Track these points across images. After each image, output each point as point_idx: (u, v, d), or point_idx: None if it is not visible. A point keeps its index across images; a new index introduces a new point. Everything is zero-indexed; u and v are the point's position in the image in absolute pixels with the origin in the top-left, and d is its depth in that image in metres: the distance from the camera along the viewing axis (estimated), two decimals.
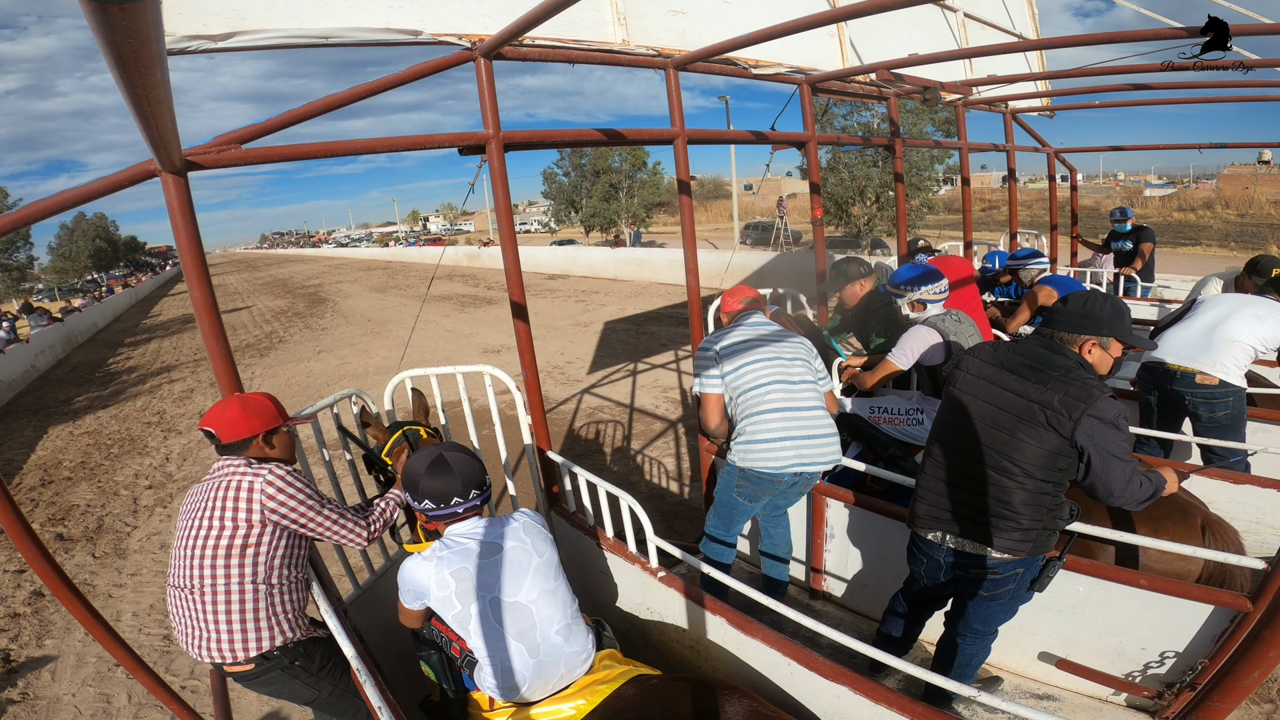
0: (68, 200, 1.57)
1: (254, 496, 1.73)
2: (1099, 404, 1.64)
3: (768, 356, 2.39)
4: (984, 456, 1.79)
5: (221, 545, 1.71)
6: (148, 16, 0.64)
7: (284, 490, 1.77)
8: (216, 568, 1.71)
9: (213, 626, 1.73)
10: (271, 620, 1.77)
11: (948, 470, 1.89)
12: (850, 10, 1.99)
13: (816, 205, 3.74)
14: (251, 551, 1.73)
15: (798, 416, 2.35)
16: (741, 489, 2.44)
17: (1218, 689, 0.91)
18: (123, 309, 27.13)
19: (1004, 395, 1.78)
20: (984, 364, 1.87)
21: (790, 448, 2.32)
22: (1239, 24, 2.19)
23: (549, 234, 40.45)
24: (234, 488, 1.74)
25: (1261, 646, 0.84)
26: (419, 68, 2.07)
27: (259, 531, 1.73)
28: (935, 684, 1.57)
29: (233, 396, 1.86)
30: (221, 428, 1.79)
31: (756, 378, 2.36)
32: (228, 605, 1.72)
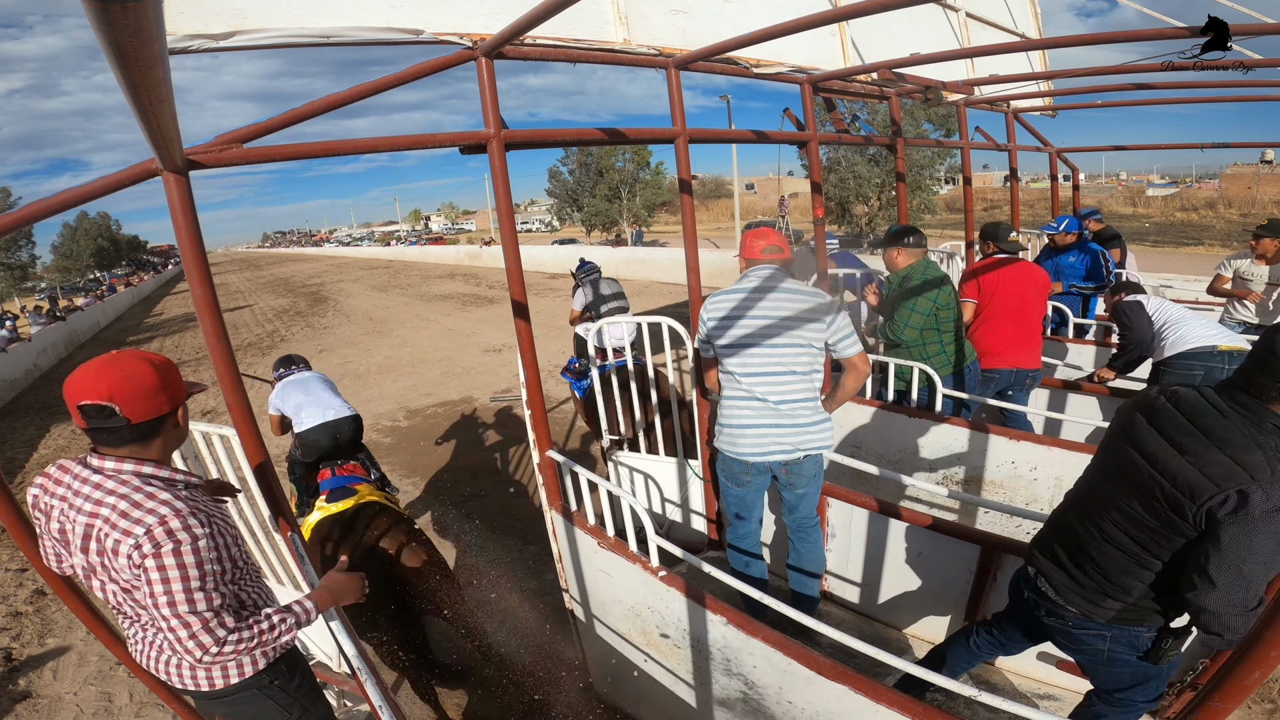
0: (70, 199, 1.57)
1: (121, 560, 1.25)
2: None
3: (758, 338, 2.28)
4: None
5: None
6: (149, 15, 0.65)
7: (174, 552, 1.25)
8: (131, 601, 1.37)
9: (161, 652, 1.46)
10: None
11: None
12: (852, 9, 1.98)
13: (817, 204, 3.74)
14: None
15: (770, 406, 2.29)
16: (723, 471, 2.48)
17: (1219, 689, 0.91)
18: (125, 308, 27.18)
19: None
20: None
21: (753, 435, 2.32)
22: (1239, 24, 2.18)
23: (550, 232, 40.43)
24: (106, 547, 1.26)
25: (1262, 647, 0.84)
26: (420, 67, 2.08)
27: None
28: (936, 681, 1.57)
29: (122, 354, 1.31)
30: (131, 400, 1.26)
31: (739, 360, 2.30)
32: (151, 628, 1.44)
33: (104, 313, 22.45)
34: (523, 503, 4.87)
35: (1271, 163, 31.07)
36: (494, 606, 3.61)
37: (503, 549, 4.22)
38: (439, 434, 6.61)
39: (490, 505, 4.88)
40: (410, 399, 8.00)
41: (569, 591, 2.74)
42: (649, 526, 2.16)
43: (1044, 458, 2.97)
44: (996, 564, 2.29)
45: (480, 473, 5.49)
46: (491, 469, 5.56)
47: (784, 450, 2.33)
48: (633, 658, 2.42)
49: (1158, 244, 21.61)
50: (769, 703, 1.87)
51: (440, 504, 4.98)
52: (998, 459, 3.13)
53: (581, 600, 2.65)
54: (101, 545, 1.27)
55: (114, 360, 1.29)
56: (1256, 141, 5.67)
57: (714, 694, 2.08)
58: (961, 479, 3.28)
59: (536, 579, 3.84)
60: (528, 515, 4.65)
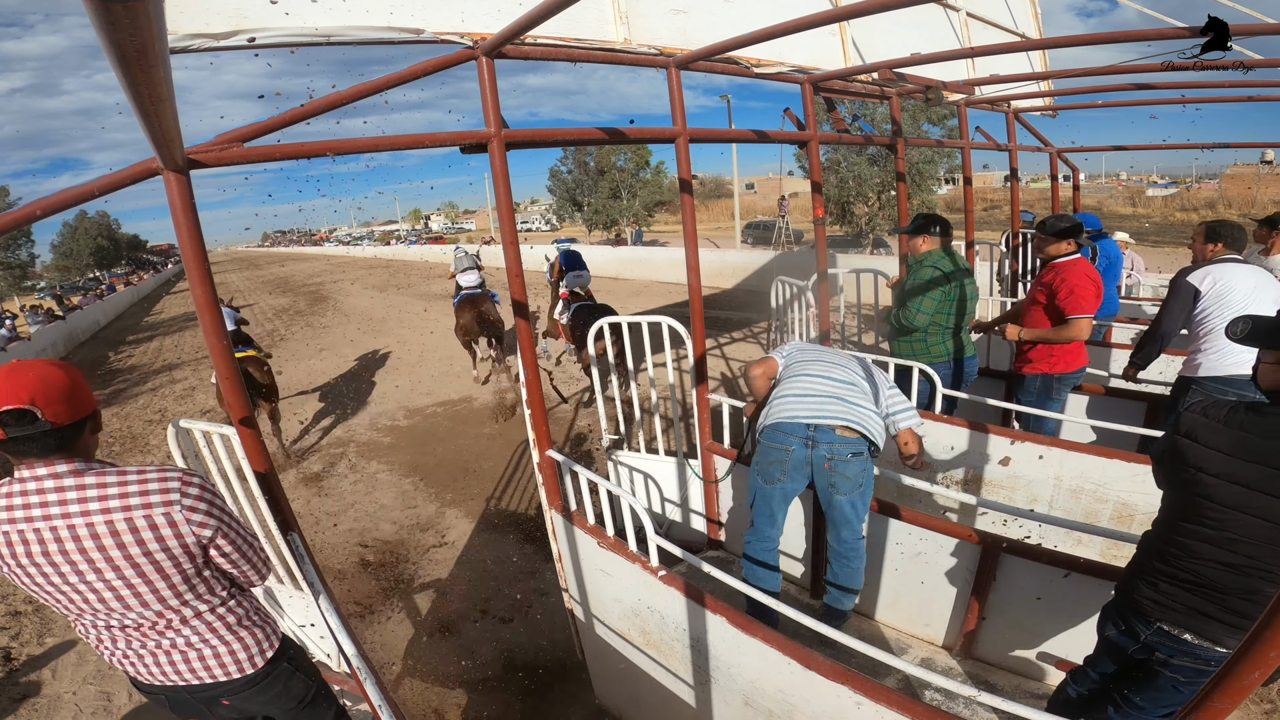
0: (70, 198, 1.57)
1: (176, 529, 1.33)
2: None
3: (824, 359, 2.58)
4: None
5: (168, 588, 1.37)
6: (150, 15, 0.65)
7: (211, 502, 1.40)
8: (183, 598, 1.41)
9: (212, 644, 1.48)
10: (265, 611, 1.61)
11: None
12: (852, 9, 1.98)
13: (818, 204, 3.74)
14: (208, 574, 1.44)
15: (821, 381, 2.43)
16: (759, 465, 2.42)
17: (1218, 689, 0.91)
18: (125, 306, 27.17)
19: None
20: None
21: (804, 402, 2.37)
22: (1239, 24, 2.18)
23: (551, 231, 40.44)
24: (128, 526, 1.28)
25: (1262, 646, 0.84)
26: (420, 66, 2.07)
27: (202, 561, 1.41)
28: (935, 681, 1.57)
29: (26, 362, 1.28)
30: (52, 403, 1.23)
31: (802, 365, 2.53)
32: (225, 616, 1.49)
33: (104, 311, 22.44)
34: (522, 502, 4.87)
35: (1271, 163, 31.06)
36: (494, 606, 3.62)
37: (502, 548, 4.22)
38: (439, 433, 6.61)
39: (490, 504, 4.88)
40: (410, 398, 8.00)
41: (568, 591, 2.74)
42: (649, 526, 2.15)
43: (1044, 458, 2.97)
44: (996, 564, 2.29)
45: (480, 472, 5.49)
46: (491, 468, 5.56)
47: (830, 417, 2.32)
48: (632, 657, 2.42)
49: (1158, 244, 21.61)
50: (768, 703, 1.87)
51: (440, 503, 4.99)
52: (998, 459, 3.14)
53: (581, 600, 2.65)
54: (129, 529, 1.29)
55: (22, 368, 1.25)
56: (1256, 142, 5.67)
57: (713, 694, 2.08)
58: (961, 479, 3.29)
59: (536, 578, 3.84)
60: (527, 514, 4.65)
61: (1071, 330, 3.19)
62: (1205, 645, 1.52)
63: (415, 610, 3.66)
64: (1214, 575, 1.48)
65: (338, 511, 4.99)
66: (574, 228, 38.61)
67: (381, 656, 3.25)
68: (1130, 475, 2.73)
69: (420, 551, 4.30)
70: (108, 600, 1.35)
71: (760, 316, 10.45)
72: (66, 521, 1.27)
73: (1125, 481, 2.74)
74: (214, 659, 1.50)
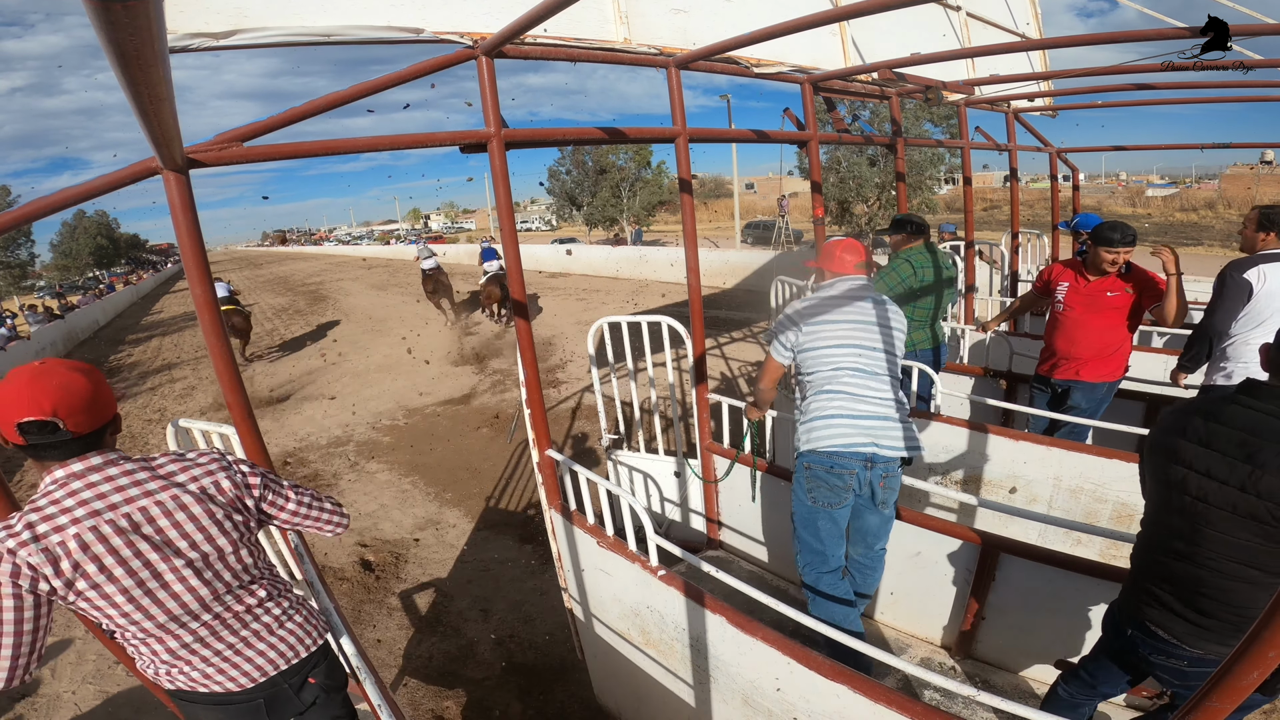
0: (69, 197, 1.57)
1: (238, 490, 1.40)
2: None
3: (849, 341, 2.21)
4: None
5: (233, 556, 1.40)
6: (150, 14, 0.65)
7: (251, 464, 1.48)
8: (261, 571, 1.47)
9: (294, 617, 1.51)
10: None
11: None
12: (852, 9, 1.98)
13: (817, 204, 3.74)
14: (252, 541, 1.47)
15: (868, 400, 2.17)
16: (815, 490, 2.19)
17: (1216, 689, 0.91)
18: (124, 306, 27.15)
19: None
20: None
21: (859, 427, 2.14)
22: (1239, 24, 2.18)
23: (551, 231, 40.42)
24: (193, 498, 1.32)
25: (1260, 647, 0.84)
26: (420, 65, 2.07)
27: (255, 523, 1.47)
28: (935, 681, 1.57)
29: (49, 365, 1.23)
30: (75, 412, 1.20)
31: (830, 358, 2.21)
32: (287, 592, 1.53)
33: (103, 311, 22.43)
34: (522, 501, 4.87)
35: (1271, 163, 31.06)
36: (493, 605, 3.62)
37: (502, 547, 4.22)
38: (438, 432, 6.61)
39: (489, 504, 4.88)
40: (409, 398, 8.00)
41: (568, 590, 2.74)
42: (648, 526, 2.16)
43: (1043, 458, 2.97)
44: (995, 564, 2.29)
45: (479, 471, 5.49)
46: (491, 467, 5.56)
47: (890, 445, 2.15)
48: (632, 657, 2.42)
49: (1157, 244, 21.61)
50: (767, 702, 1.87)
51: (440, 502, 4.99)
52: (997, 459, 3.14)
53: (580, 599, 2.65)
54: (207, 496, 1.33)
55: (45, 373, 1.21)
56: (1256, 142, 5.67)
57: (713, 693, 2.08)
58: (961, 479, 3.29)
59: (535, 578, 3.84)
60: (526, 514, 4.65)
61: None
62: (1175, 643, 1.51)
63: (415, 610, 3.66)
64: (1179, 570, 1.49)
65: None
66: (573, 227, 38.62)
67: (381, 656, 3.25)
68: (1129, 475, 2.72)
69: (420, 551, 4.29)
70: (209, 581, 1.34)
71: (760, 316, 10.45)
72: (152, 499, 1.27)
73: (1124, 481, 2.75)
74: (301, 630, 1.53)
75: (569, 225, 39.19)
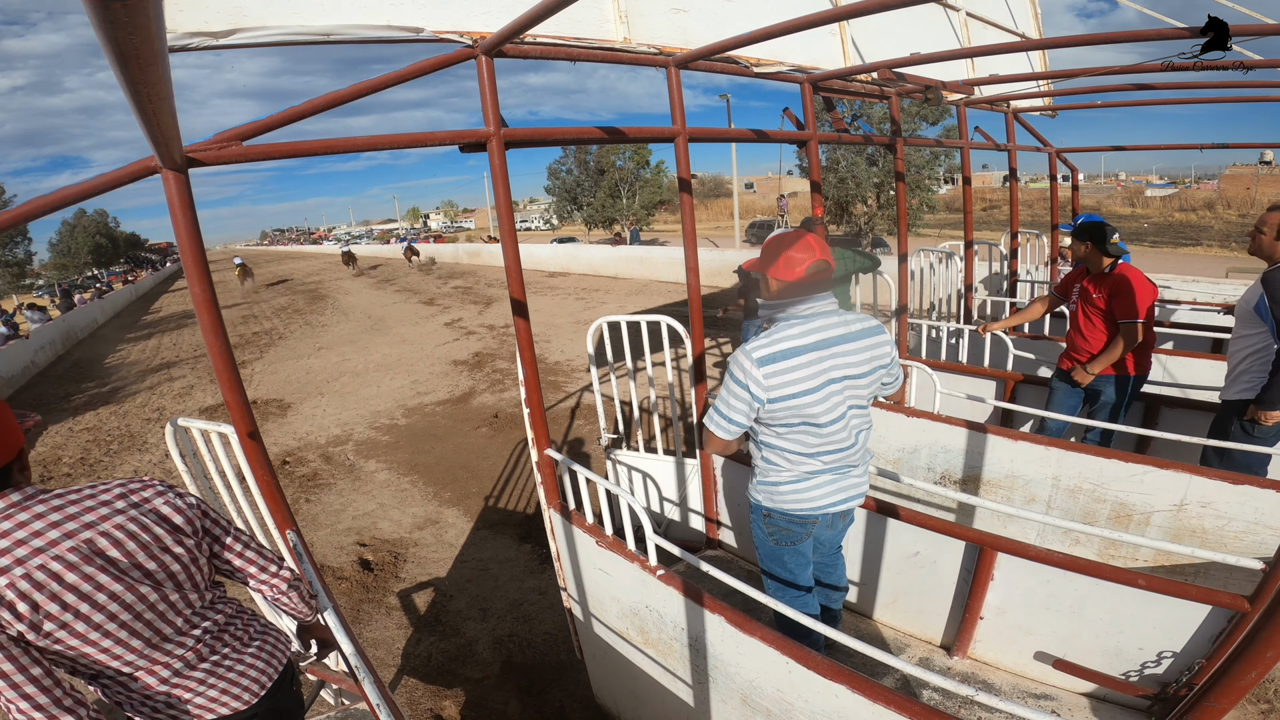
0: (68, 196, 1.57)
1: (183, 514, 1.34)
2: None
3: (835, 377, 1.81)
4: None
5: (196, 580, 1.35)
6: (149, 13, 0.64)
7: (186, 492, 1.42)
8: (203, 592, 1.38)
9: (272, 625, 1.54)
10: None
11: None
12: (852, 9, 1.98)
13: (817, 204, 3.74)
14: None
15: (843, 459, 1.93)
16: (776, 534, 2.06)
17: (1215, 689, 0.91)
18: (123, 305, 27.11)
19: None
20: None
21: (831, 489, 1.95)
22: (1239, 24, 2.18)
23: (550, 230, 40.42)
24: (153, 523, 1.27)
25: (1259, 647, 0.84)
26: (420, 65, 2.07)
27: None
28: (934, 681, 1.57)
29: None
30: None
31: (806, 428, 1.85)
32: (236, 612, 1.49)
33: (102, 310, 22.41)
34: (521, 501, 4.87)
35: (1270, 163, 31.10)
36: (492, 605, 3.62)
37: (501, 547, 4.22)
38: (438, 432, 6.60)
39: (488, 503, 4.88)
40: (408, 397, 8.00)
41: (567, 590, 2.74)
42: (647, 525, 2.16)
43: (1042, 458, 2.98)
44: (993, 564, 2.30)
45: (478, 470, 5.49)
46: (490, 467, 5.56)
47: (858, 494, 2.02)
48: (631, 656, 2.42)
49: (1156, 244, 21.64)
50: (766, 702, 1.87)
51: (439, 502, 4.98)
52: (996, 459, 3.14)
53: (579, 599, 2.65)
54: (153, 520, 1.27)
55: None
56: (1256, 142, 5.67)
57: (711, 693, 2.09)
58: (960, 479, 3.29)
59: (534, 577, 3.84)
60: (526, 513, 4.65)
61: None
62: None
63: (414, 609, 3.66)
64: None
65: (336, 510, 4.99)
66: (573, 226, 38.61)
67: (380, 656, 3.25)
68: (1128, 475, 2.73)
69: (419, 550, 4.29)
70: (179, 601, 1.29)
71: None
72: (98, 529, 1.19)
73: (1123, 481, 2.75)
74: (274, 641, 1.52)
75: (569, 225, 39.19)
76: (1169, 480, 2.64)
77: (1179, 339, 4.76)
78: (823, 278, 1.85)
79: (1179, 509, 2.64)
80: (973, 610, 2.39)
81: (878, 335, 1.90)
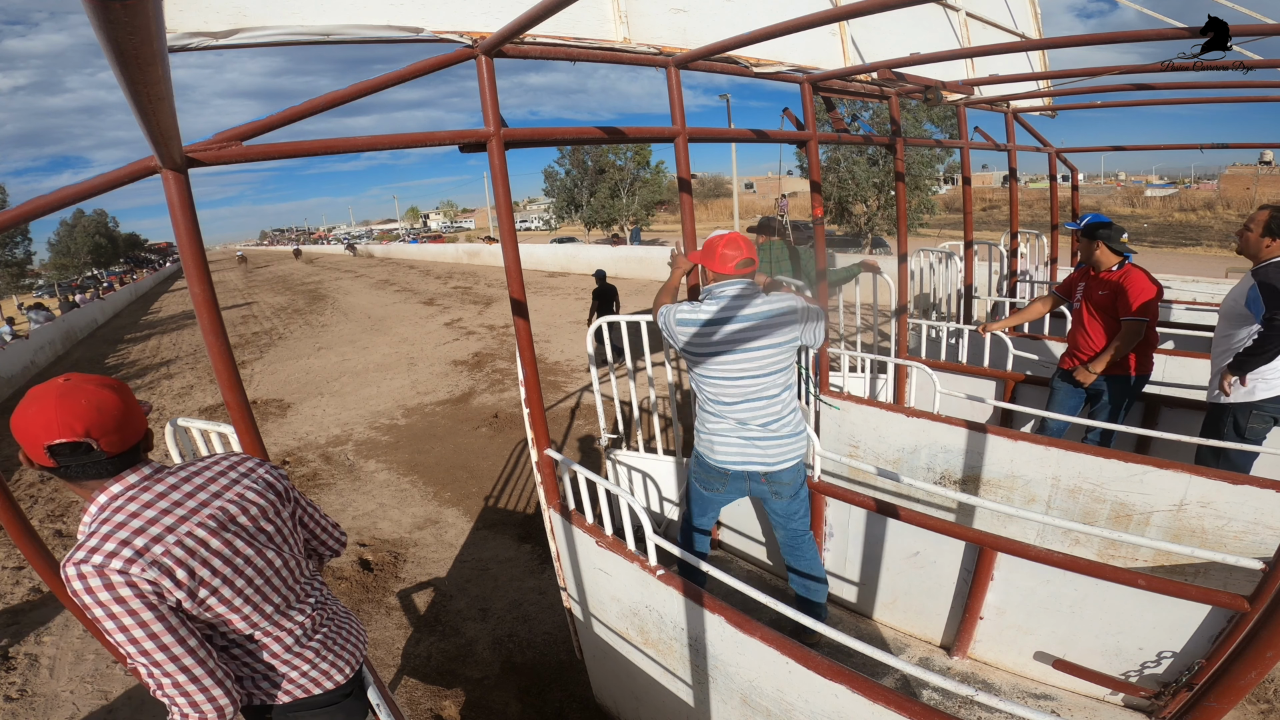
0: (68, 196, 1.57)
1: (275, 485, 1.41)
2: None
3: (737, 364, 2.22)
4: None
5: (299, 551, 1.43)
6: (149, 13, 0.64)
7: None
8: (305, 563, 1.45)
9: (344, 610, 1.54)
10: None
11: None
12: (852, 9, 1.98)
13: (817, 203, 3.73)
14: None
15: (743, 417, 2.27)
16: (698, 475, 2.47)
17: (1214, 689, 0.91)
18: (123, 305, 27.11)
19: None
20: None
21: (737, 446, 2.30)
22: (1239, 24, 2.18)
23: (550, 231, 40.47)
24: (270, 494, 1.36)
25: (1259, 647, 0.84)
26: (420, 65, 2.07)
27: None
28: (934, 681, 1.57)
29: (76, 383, 1.17)
30: (108, 432, 1.15)
31: (716, 387, 2.26)
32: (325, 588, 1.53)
33: (101, 310, 22.40)
34: (520, 501, 4.87)
35: (1270, 163, 31.11)
36: (492, 605, 3.62)
37: (500, 547, 4.22)
38: (437, 432, 6.60)
39: (488, 503, 4.88)
40: (408, 397, 7.99)
41: (567, 590, 2.74)
42: (647, 525, 2.16)
43: (1041, 458, 2.98)
44: (993, 564, 2.30)
45: (478, 471, 5.49)
46: (490, 467, 5.56)
47: (765, 462, 2.32)
48: (630, 656, 2.42)
49: (1156, 244, 21.65)
50: (766, 702, 1.87)
51: (438, 502, 4.98)
52: (996, 459, 3.14)
53: (579, 599, 2.65)
54: (266, 487, 1.35)
55: (74, 392, 1.14)
56: (1256, 142, 5.67)
57: (711, 693, 2.09)
58: (960, 479, 3.29)
59: (534, 577, 3.84)
60: (525, 513, 4.65)
61: None
62: None
63: (414, 609, 3.66)
64: None
65: (336, 510, 4.99)
66: (572, 226, 38.62)
67: (380, 656, 3.25)
68: (1127, 475, 2.73)
69: (419, 550, 4.29)
70: (295, 566, 1.37)
71: None
72: (224, 498, 1.26)
73: (1122, 481, 2.75)
74: (354, 614, 1.57)
75: (569, 225, 39.23)
76: (1169, 480, 2.64)
77: (1179, 339, 4.76)
78: (747, 271, 2.27)
79: (1179, 509, 2.64)
80: (972, 610, 2.39)
81: (785, 307, 2.23)
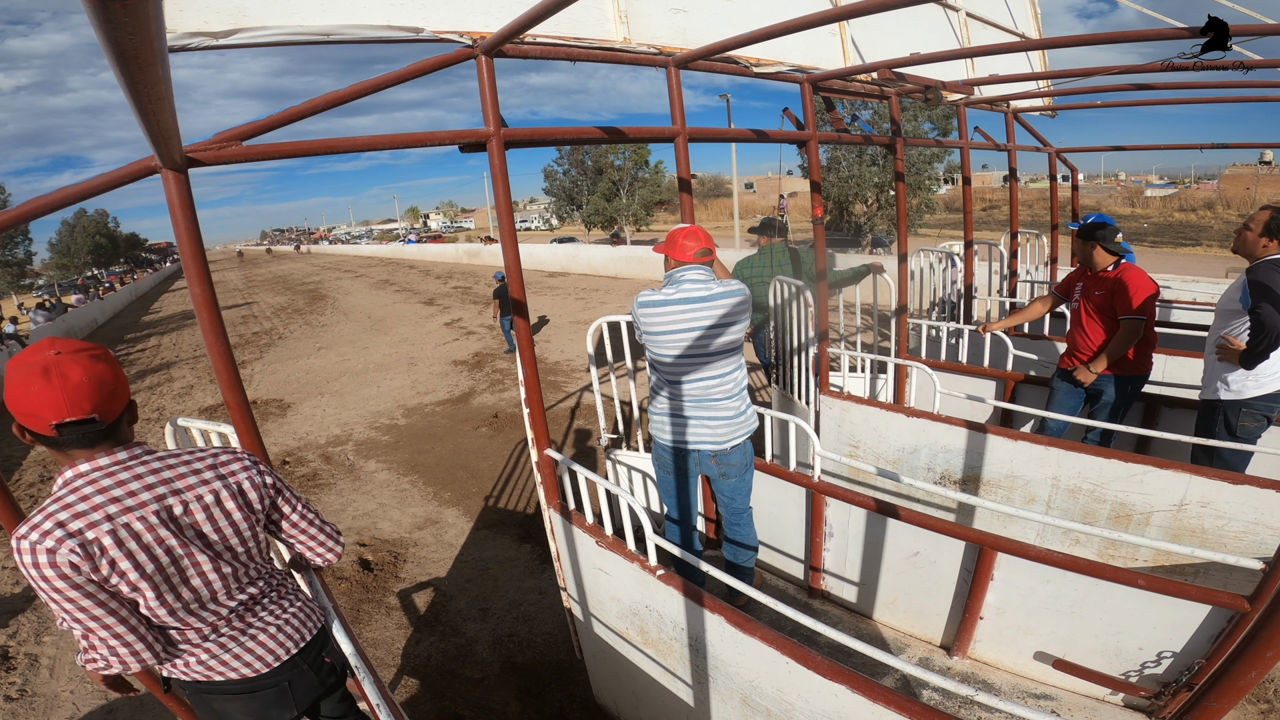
0: (68, 196, 1.57)
1: (258, 490, 1.44)
2: None
3: (690, 345, 2.39)
4: None
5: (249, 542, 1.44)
6: (149, 13, 0.64)
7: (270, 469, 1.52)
8: (248, 565, 1.45)
9: (303, 597, 1.59)
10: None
11: None
12: (852, 9, 1.98)
13: (817, 203, 3.73)
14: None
15: (701, 403, 2.44)
16: (656, 459, 2.66)
17: (1214, 689, 0.91)
18: (122, 305, 27.11)
19: None
20: None
21: (681, 426, 2.47)
22: (1239, 24, 2.18)
23: (549, 230, 40.47)
24: (229, 494, 1.37)
25: (1259, 647, 0.84)
26: (420, 65, 2.07)
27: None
28: (933, 681, 1.57)
29: (63, 354, 1.17)
30: (107, 402, 1.19)
31: (670, 367, 2.44)
32: (272, 584, 1.54)
33: (101, 310, 22.41)
34: (520, 501, 4.87)
35: (1270, 163, 31.11)
36: (492, 605, 3.62)
37: (500, 547, 4.22)
38: (437, 432, 6.60)
39: (488, 503, 4.88)
40: (408, 397, 7.99)
41: (567, 590, 2.74)
42: (647, 525, 2.16)
43: (1041, 458, 2.98)
44: (993, 564, 2.30)
45: (478, 471, 5.49)
46: (490, 467, 5.55)
47: (714, 441, 2.47)
48: (630, 656, 2.42)
49: (1156, 244, 21.66)
50: (766, 702, 1.87)
51: (438, 502, 4.98)
52: (996, 459, 3.14)
53: (579, 599, 2.65)
54: (239, 491, 1.39)
55: (66, 366, 1.14)
56: (1256, 142, 5.67)
57: (711, 693, 2.09)
58: (960, 479, 3.29)
59: (534, 577, 3.84)
60: (525, 513, 4.65)
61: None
62: None
63: (413, 609, 3.66)
64: None
65: (336, 510, 4.99)
66: (572, 226, 38.64)
67: (380, 656, 3.25)
68: (1127, 475, 2.73)
69: (418, 550, 4.29)
70: (227, 571, 1.38)
71: (759, 315, 10.44)
72: (186, 495, 1.30)
73: (1123, 481, 2.75)
74: (303, 612, 1.58)
75: (568, 225, 39.24)
76: (1169, 480, 2.64)
77: (1179, 339, 4.76)
78: (706, 260, 2.41)
79: (1179, 509, 2.64)
80: (972, 610, 2.39)
81: (735, 289, 2.37)
